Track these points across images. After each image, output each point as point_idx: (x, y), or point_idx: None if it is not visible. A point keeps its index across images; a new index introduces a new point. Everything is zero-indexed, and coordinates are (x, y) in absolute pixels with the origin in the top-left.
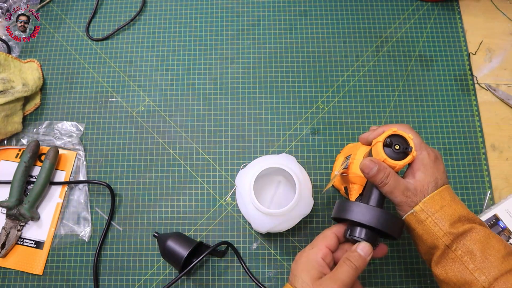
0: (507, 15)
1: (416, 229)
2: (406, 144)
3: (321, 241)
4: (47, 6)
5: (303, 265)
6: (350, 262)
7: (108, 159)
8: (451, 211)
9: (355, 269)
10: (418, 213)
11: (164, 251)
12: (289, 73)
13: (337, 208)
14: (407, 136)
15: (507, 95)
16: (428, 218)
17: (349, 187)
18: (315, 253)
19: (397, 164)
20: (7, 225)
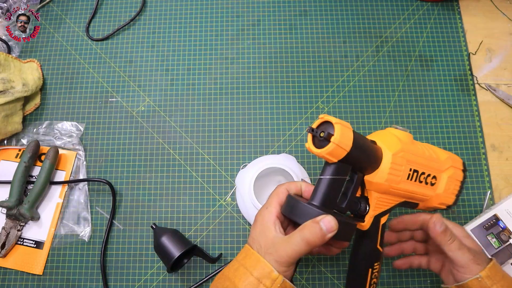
0: (507, 15)
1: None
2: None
3: (275, 200)
4: (47, 6)
5: (259, 228)
6: (306, 233)
7: (108, 159)
8: (508, 282)
9: (309, 243)
10: (484, 279)
11: (158, 245)
12: (289, 73)
13: (286, 205)
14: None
15: (507, 95)
16: (493, 285)
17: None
18: (269, 214)
19: (319, 152)
20: (7, 225)
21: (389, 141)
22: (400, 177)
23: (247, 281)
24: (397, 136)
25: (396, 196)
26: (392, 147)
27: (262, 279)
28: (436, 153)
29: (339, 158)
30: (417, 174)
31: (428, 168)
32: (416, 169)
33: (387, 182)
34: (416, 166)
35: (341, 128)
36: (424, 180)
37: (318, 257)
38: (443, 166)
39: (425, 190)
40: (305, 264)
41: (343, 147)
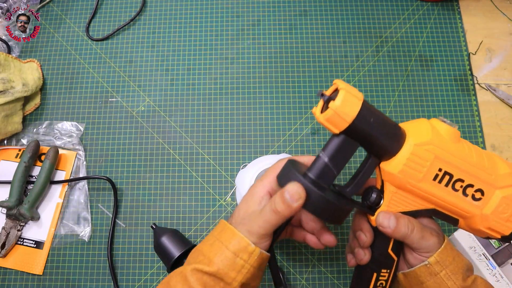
0: (507, 15)
1: (427, 282)
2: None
3: (272, 173)
4: (47, 6)
5: (244, 200)
6: (273, 204)
7: (108, 159)
8: (461, 263)
9: (276, 212)
10: (432, 265)
11: (158, 245)
12: (289, 73)
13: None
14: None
15: (507, 95)
16: (443, 270)
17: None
18: (261, 187)
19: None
20: (7, 225)
21: (419, 130)
22: (422, 175)
23: (223, 255)
24: (434, 127)
25: (419, 198)
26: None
27: (239, 253)
28: (493, 162)
29: (340, 129)
30: (450, 179)
31: (470, 176)
32: (449, 172)
33: (402, 175)
34: (450, 168)
35: (345, 95)
36: (462, 190)
37: (318, 257)
38: (498, 182)
39: (463, 204)
40: (305, 264)
41: (342, 116)
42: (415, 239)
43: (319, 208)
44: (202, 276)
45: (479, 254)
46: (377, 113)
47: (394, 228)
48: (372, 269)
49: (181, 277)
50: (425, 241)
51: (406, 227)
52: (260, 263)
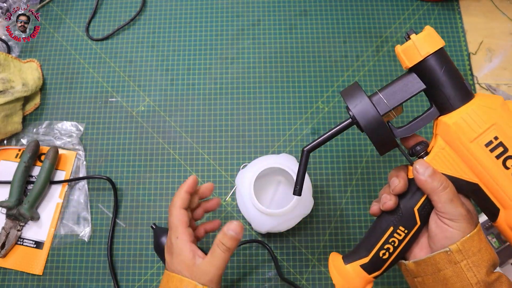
0: (507, 15)
1: (445, 270)
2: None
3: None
4: (47, 6)
5: (177, 260)
6: (221, 246)
7: (108, 159)
8: (487, 256)
9: (228, 250)
10: (453, 253)
11: (158, 245)
12: (289, 73)
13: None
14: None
15: (507, 95)
16: (464, 260)
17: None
18: (182, 243)
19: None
20: (7, 225)
21: (489, 99)
22: (476, 135)
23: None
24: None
25: (465, 164)
26: (485, 102)
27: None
28: None
29: (412, 62)
30: (503, 152)
31: None
32: (505, 144)
33: (456, 127)
34: (507, 141)
35: (428, 32)
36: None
37: (318, 257)
38: None
39: (510, 186)
40: (305, 264)
41: (418, 48)
42: (443, 198)
43: (371, 127)
44: None
45: None
46: (452, 64)
47: (427, 177)
48: (391, 222)
49: None
50: (453, 206)
51: (439, 181)
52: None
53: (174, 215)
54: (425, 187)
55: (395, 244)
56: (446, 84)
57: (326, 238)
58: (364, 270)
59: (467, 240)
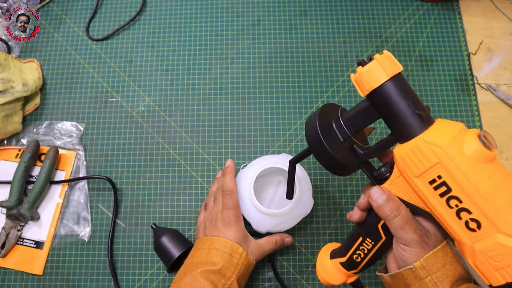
0: (507, 15)
1: (412, 286)
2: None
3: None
4: (47, 6)
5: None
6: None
7: (108, 159)
8: (452, 271)
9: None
10: (418, 270)
11: (158, 245)
12: (289, 73)
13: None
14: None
15: (507, 95)
16: (428, 276)
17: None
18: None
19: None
20: (7, 225)
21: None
22: (419, 172)
23: (223, 257)
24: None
25: (415, 194)
26: (436, 135)
27: (233, 254)
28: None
29: (364, 92)
30: (446, 191)
31: (471, 202)
32: (448, 184)
33: (401, 161)
34: (451, 182)
35: (373, 64)
36: (456, 210)
37: None
38: (503, 226)
39: (454, 225)
40: (305, 264)
41: (367, 80)
42: (394, 225)
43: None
44: (209, 275)
45: None
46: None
47: (380, 205)
48: (360, 233)
49: (191, 277)
50: (403, 233)
51: (390, 210)
52: (248, 264)
53: (233, 198)
54: (379, 213)
55: (365, 252)
56: (397, 114)
57: (326, 238)
58: (343, 267)
59: (430, 256)
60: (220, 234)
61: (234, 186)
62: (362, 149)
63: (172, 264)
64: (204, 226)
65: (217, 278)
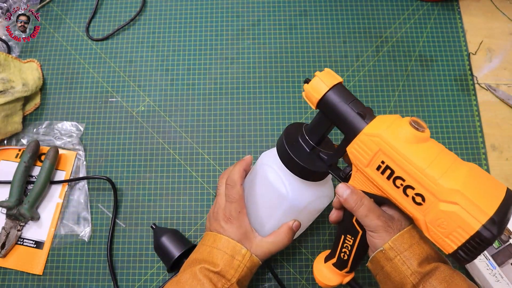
0: (507, 15)
1: (385, 267)
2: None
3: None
4: (47, 6)
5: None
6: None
7: (108, 159)
8: (419, 250)
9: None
10: (387, 251)
11: (158, 245)
12: (289, 73)
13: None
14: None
15: (507, 95)
16: (397, 256)
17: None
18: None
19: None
20: (7, 225)
21: (381, 122)
22: (367, 161)
23: (224, 258)
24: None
25: (372, 184)
26: (374, 127)
27: (235, 255)
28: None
29: (314, 104)
30: (390, 174)
31: (411, 179)
32: (391, 167)
33: (352, 156)
34: (392, 164)
35: (314, 80)
36: (402, 188)
37: None
38: (442, 195)
39: (405, 203)
40: (305, 264)
41: (313, 93)
42: (359, 214)
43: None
44: (209, 274)
45: None
46: (347, 97)
47: (345, 199)
48: (342, 231)
49: (191, 274)
50: (368, 220)
51: (354, 201)
52: (251, 265)
53: (236, 191)
54: (346, 206)
55: (349, 249)
56: (343, 117)
57: (326, 238)
58: (336, 267)
59: (397, 238)
60: (221, 230)
61: (239, 178)
62: (326, 155)
63: (172, 264)
64: (209, 218)
65: (216, 277)
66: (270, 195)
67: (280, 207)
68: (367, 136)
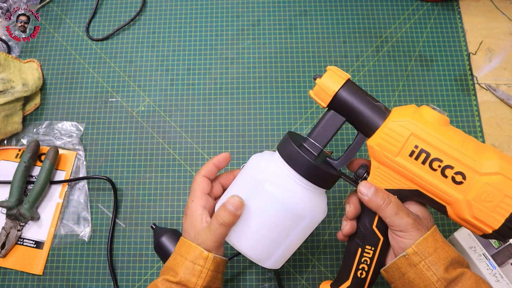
0: (507, 15)
1: (408, 273)
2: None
3: (198, 190)
4: (47, 6)
5: (188, 220)
6: (219, 219)
7: (108, 159)
8: (444, 254)
9: (224, 224)
10: (410, 256)
11: (158, 245)
12: (289, 73)
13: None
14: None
15: (507, 95)
16: (422, 261)
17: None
18: (195, 206)
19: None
20: (7, 225)
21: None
22: (398, 149)
23: (184, 265)
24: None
25: (400, 175)
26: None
27: (196, 261)
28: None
29: (325, 102)
30: (426, 157)
31: (449, 157)
32: (426, 150)
33: (379, 148)
34: (427, 147)
35: (329, 74)
36: (440, 170)
37: (318, 257)
38: (483, 168)
39: (443, 185)
40: (305, 264)
41: (325, 89)
42: (388, 212)
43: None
44: (171, 285)
45: (479, 254)
46: (361, 91)
47: (371, 197)
48: (357, 244)
49: (152, 286)
50: (398, 218)
51: (382, 199)
52: (216, 266)
53: (195, 181)
54: (371, 205)
55: (368, 262)
56: (360, 111)
57: (326, 238)
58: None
59: (421, 242)
60: (186, 235)
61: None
62: (336, 159)
63: None
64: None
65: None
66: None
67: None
68: (396, 123)
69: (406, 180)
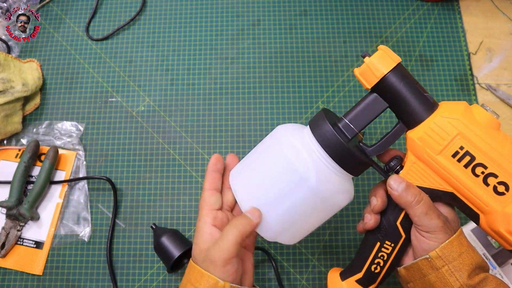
0: (507, 15)
1: (429, 276)
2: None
3: (205, 208)
4: (47, 6)
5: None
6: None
7: (108, 159)
8: (469, 260)
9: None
10: (434, 260)
11: (158, 245)
12: (289, 73)
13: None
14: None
15: (507, 95)
16: (445, 266)
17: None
18: (204, 224)
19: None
20: (7, 225)
21: (453, 106)
22: (441, 147)
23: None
24: (470, 109)
25: (437, 175)
26: (447, 111)
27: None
28: None
29: (370, 84)
30: (470, 160)
31: (496, 165)
32: (471, 153)
33: (421, 142)
34: (473, 150)
35: (380, 53)
36: (483, 177)
37: (318, 257)
38: None
39: (483, 193)
40: (305, 264)
41: (373, 70)
42: (418, 211)
43: (337, 153)
44: None
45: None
46: (411, 78)
47: (401, 192)
48: (377, 238)
49: None
50: (428, 219)
51: (413, 195)
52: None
53: (201, 198)
54: (400, 201)
55: (385, 258)
56: (407, 99)
57: (326, 238)
58: (359, 284)
59: (446, 246)
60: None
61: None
62: (370, 146)
63: (172, 264)
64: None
65: None
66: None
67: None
68: (445, 118)
69: (442, 181)
